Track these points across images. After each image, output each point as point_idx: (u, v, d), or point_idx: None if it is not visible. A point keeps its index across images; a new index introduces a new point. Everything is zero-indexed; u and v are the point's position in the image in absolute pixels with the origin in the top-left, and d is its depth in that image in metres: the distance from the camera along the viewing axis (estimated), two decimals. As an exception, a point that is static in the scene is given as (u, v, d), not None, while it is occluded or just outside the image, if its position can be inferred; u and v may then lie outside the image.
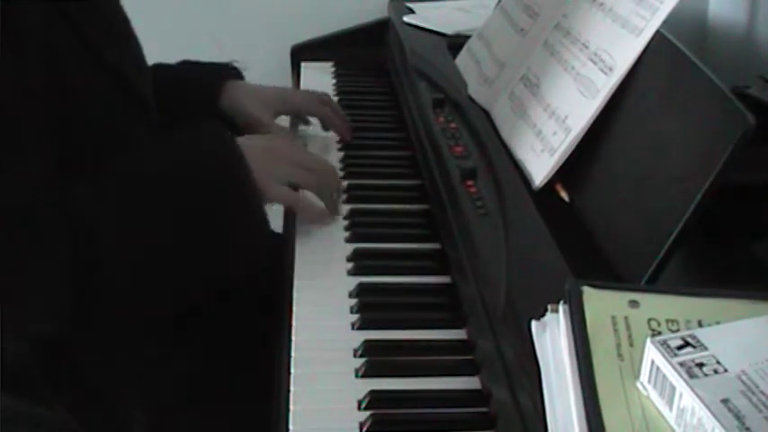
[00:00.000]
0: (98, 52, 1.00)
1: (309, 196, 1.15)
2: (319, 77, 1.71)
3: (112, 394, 1.05)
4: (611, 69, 1.02)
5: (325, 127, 1.41)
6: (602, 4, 1.09)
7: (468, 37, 1.44)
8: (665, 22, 0.98)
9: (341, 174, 1.32)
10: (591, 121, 1.03)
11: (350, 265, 1.08)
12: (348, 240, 1.14)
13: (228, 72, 1.35)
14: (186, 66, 1.33)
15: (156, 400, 1.05)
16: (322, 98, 1.42)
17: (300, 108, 1.41)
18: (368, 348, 0.93)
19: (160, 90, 1.14)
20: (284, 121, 1.45)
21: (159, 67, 1.24)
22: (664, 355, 0.64)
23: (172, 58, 1.92)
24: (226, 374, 1.10)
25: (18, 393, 1.01)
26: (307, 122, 1.45)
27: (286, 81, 1.75)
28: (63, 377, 1.03)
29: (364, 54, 1.78)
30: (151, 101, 1.11)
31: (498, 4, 1.39)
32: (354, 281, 1.05)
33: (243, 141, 1.03)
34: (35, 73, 0.91)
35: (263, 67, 1.99)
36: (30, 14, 0.91)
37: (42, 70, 0.92)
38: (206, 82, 1.31)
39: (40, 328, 0.93)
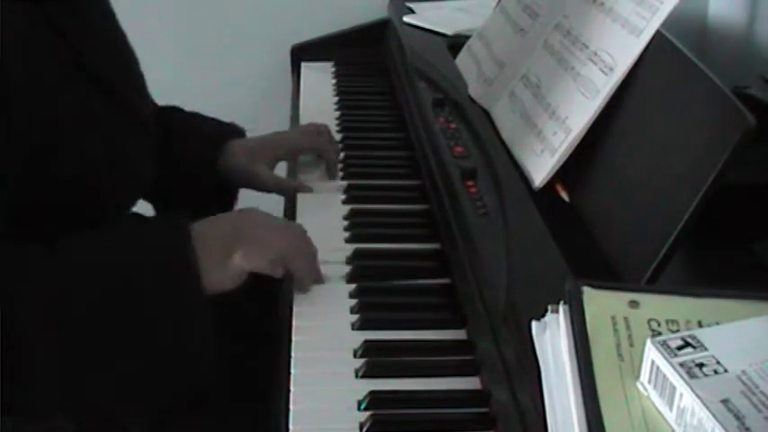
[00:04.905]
0: (81, 59, 0.98)
1: None
2: (319, 77, 1.71)
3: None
4: (611, 69, 1.02)
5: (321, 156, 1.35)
6: (602, 5, 1.09)
7: (468, 37, 1.44)
8: (665, 22, 0.98)
9: (341, 174, 1.32)
10: (591, 122, 1.03)
11: (350, 266, 1.08)
12: (348, 240, 1.14)
13: (230, 131, 1.31)
14: (188, 125, 1.29)
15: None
16: (319, 129, 1.37)
17: (298, 148, 1.35)
18: (368, 348, 0.93)
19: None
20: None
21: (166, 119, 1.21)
22: (664, 356, 0.64)
23: (172, 58, 1.93)
24: (225, 375, 1.09)
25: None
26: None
27: (286, 81, 1.75)
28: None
29: (364, 54, 1.78)
30: (144, 110, 1.10)
31: (498, 4, 1.39)
32: (354, 281, 1.05)
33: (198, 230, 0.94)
34: (13, 76, 0.89)
35: (263, 67, 2.01)
36: (10, 17, 0.90)
37: (21, 74, 0.90)
38: (204, 149, 1.27)
39: None
